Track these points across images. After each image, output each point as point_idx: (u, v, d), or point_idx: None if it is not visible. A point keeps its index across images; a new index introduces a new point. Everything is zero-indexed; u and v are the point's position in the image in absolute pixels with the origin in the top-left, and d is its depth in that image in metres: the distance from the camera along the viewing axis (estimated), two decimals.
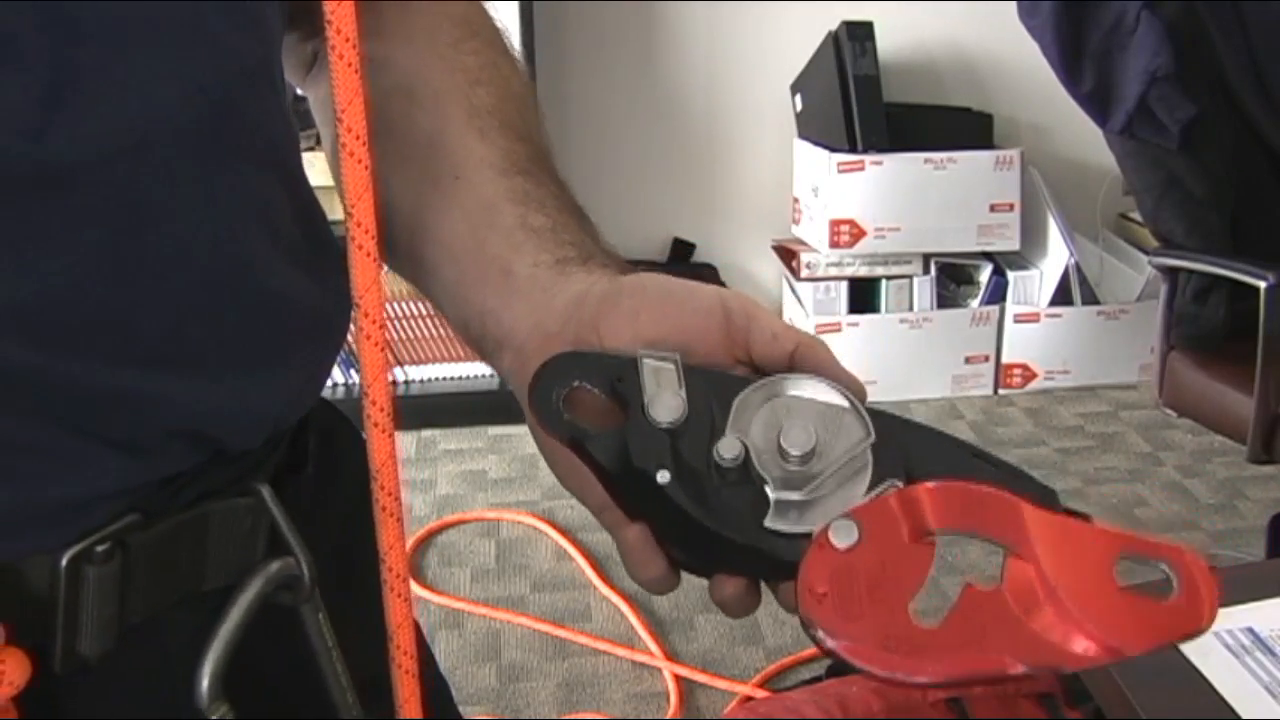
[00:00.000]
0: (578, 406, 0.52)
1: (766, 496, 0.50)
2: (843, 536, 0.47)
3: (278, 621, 0.56)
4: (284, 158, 0.56)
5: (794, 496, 0.50)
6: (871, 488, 0.50)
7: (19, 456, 0.46)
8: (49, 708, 0.51)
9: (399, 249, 0.60)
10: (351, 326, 0.54)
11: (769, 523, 0.50)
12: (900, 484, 0.50)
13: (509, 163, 0.60)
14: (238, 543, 0.55)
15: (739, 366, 0.54)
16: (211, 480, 0.53)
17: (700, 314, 0.53)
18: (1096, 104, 2.06)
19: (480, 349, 0.59)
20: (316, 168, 0.69)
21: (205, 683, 0.53)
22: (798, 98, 3.04)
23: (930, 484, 0.49)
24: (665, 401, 0.51)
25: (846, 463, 0.50)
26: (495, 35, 0.66)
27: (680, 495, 0.50)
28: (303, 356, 0.57)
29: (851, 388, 0.52)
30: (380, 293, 0.50)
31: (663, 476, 0.50)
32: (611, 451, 0.51)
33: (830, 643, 0.46)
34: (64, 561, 0.48)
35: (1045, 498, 0.50)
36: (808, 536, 0.48)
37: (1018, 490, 0.49)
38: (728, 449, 0.50)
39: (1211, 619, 0.47)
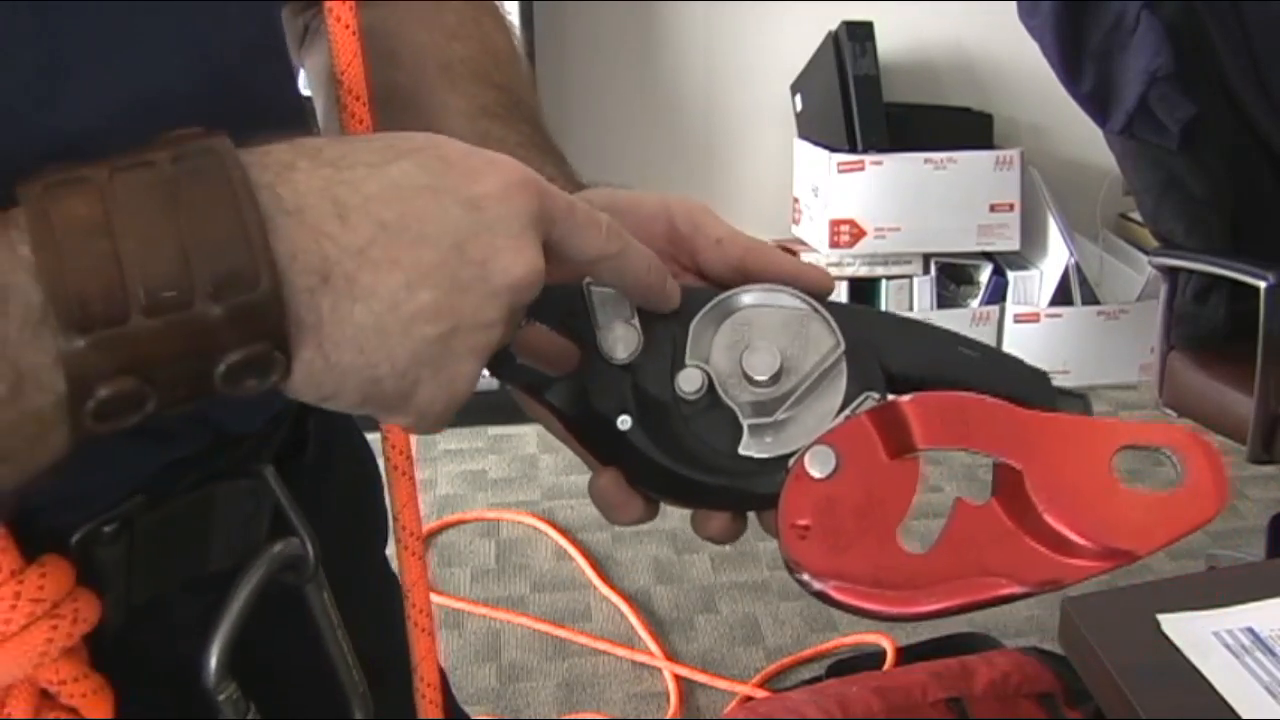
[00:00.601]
0: (534, 345, 0.49)
1: (737, 422, 0.46)
2: (820, 465, 0.44)
3: (283, 601, 0.57)
4: (294, 131, 0.55)
5: (767, 419, 0.46)
6: (847, 400, 0.46)
7: None
8: None
9: None
10: None
11: (744, 450, 0.46)
12: (877, 396, 0.46)
13: (476, 108, 0.60)
14: (242, 524, 0.55)
15: (686, 275, 0.52)
16: (215, 463, 0.54)
17: (644, 222, 0.50)
18: (1096, 104, 2.06)
19: None
20: None
21: (214, 662, 0.54)
22: (798, 98, 3.04)
23: (907, 398, 0.45)
24: (617, 334, 0.47)
25: (819, 375, 0.46)
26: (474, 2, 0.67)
27: (644, 441, 0.47)
28: None
29: (813, 286, 0.49)
30: None
31: (624, 422, 0.47)
32: (570, 397, 0.48)
33: (817, 584, 0.43)
34: (73, 542, 0.49)
35: (1036, 385, 0.47)
36: (783, 461, 0.45)
37: (1006, 380, 0.46)
38: (688, 381, 0.47)
39: (1223, 503, 0.44)
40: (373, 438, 0.64)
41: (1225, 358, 2.02)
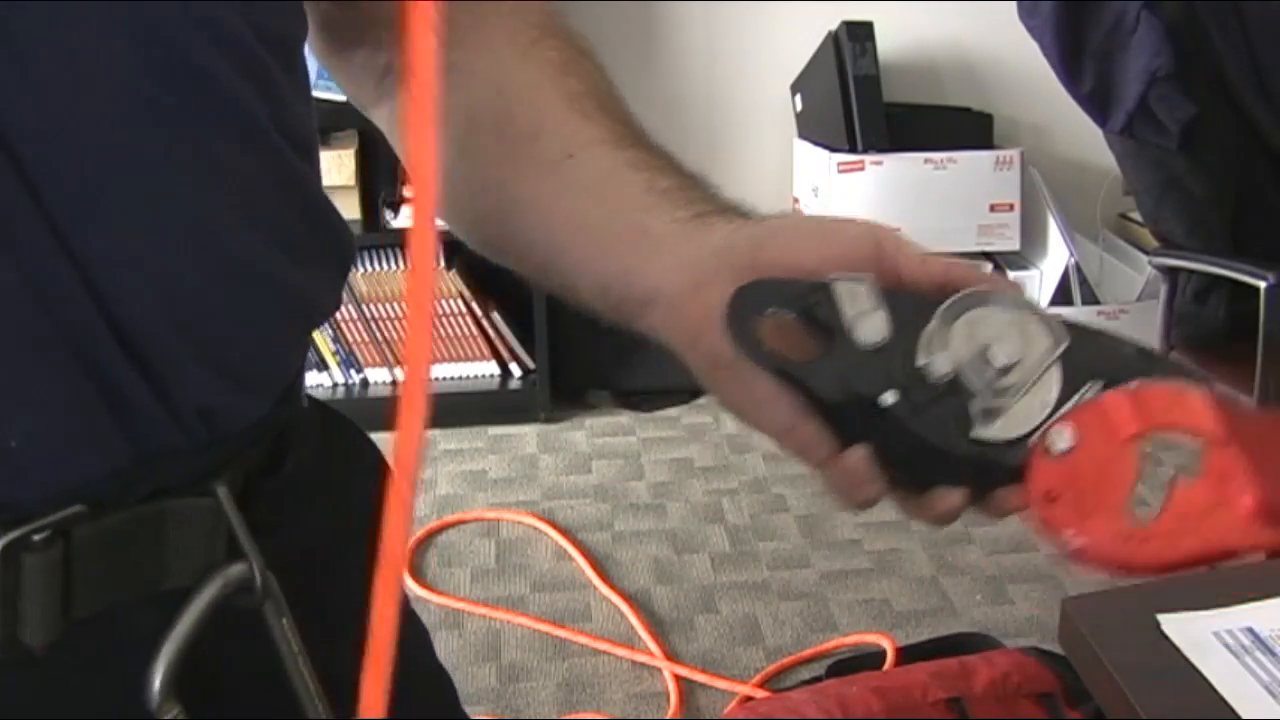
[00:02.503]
0: (777, 334, 0.53)
1: (968, 409, 0.51)
2: (1061, 441, 0.50)
3: (245, 624, 0.56)
4: (267, 136, 0.55)
5: (995, 405, 0.51)
6: (1065, 392, 0.52)
7: None
8: None
9: (522, 240, 0.61)
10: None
11: (976, 434, 0.51)
12: (1100, 384, 0.52)
13: (618, 138, 0.61)
14: (197, 543, 0.54)
15: None
16: (164, 477, 0.53)
17: (853, 244, 0.54)
18: (1096, 104, 2.06)
19: (621, 312, 0.59)
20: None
21: (158, 682, 0.53)
22: (798, 98, 3.04)
23: (1131, 386, 0.51)
24: (871, 323, 0.52)
25: (1043, 368, 0.52)
26: (571, 34, 0.68)
27: (908, 415, 0.51)
28: (272, 349, 0.56)
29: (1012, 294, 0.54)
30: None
31: (887, 398, 0.51)
32: (828, 380, 0.52)
33: (1076, 542, 0.49)
34: (0, 546, 0.48)
35: (1205, 383, 0.54)
36: (1017, 443, 0.51)
37: (1181, 377, 0.53)
38: (940, 366, 0.51)
39: None
40: (378, 436, 0.63)
41: (1225, 358, 2.02)
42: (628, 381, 2.97)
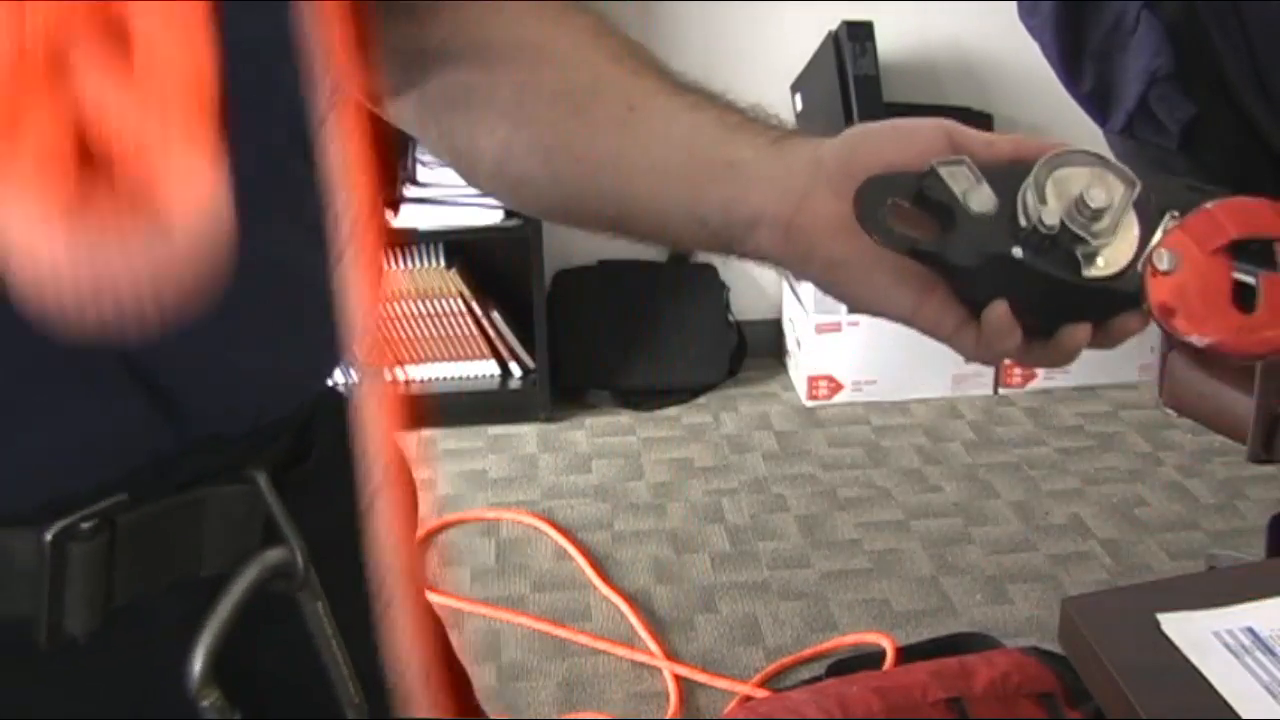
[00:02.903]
0: (899, 219, 0.58)
1: (1074, 253, 0.58)
2: (1165, 262, 0.58)
3: (279, 610, 0.57)
4: (305, 134, 0.55)
5: (1093, 247, 0.58)
6: (1147, 225, 0.59)
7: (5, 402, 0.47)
8: (35, 683, 0.52)
9: (600, 197, 0.64)
10: None
11: (1086, 273, 0.58)
12: (1177, 213, 0.59)
13: (671, 86, 0.64)
14: (234, 529, 0.55)
15: None
16: (203, 464, 0.53)
17: (930, 140, 0.59)
18: (1096, 104, 2.06)
19: (723, 240, 0.63)
20: None
21: (197, 668, 0.53)
22: (798, 98, 3.04)
23: (1208, 206, 0.59)
24: (980, 194, 0.58)
25: (1126, 208, 0.58)
26: (588, 4, 0.69)
27: (1039, 261, 0.57)
28: (305, 339, 0.57)
29: None
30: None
31: (1018, 252, 0.57)
32: (961, 248, 0.58)
33: (1204, 341, 0.58)
34: (49, 536, 0.48)
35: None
36: (1123, 273, 0.58)
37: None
38: (1049, 216, 0.57)
39: None
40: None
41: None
42: (628, 381, 2.97)
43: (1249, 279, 0.59)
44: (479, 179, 0.68)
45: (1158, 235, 0.59)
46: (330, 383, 0.65)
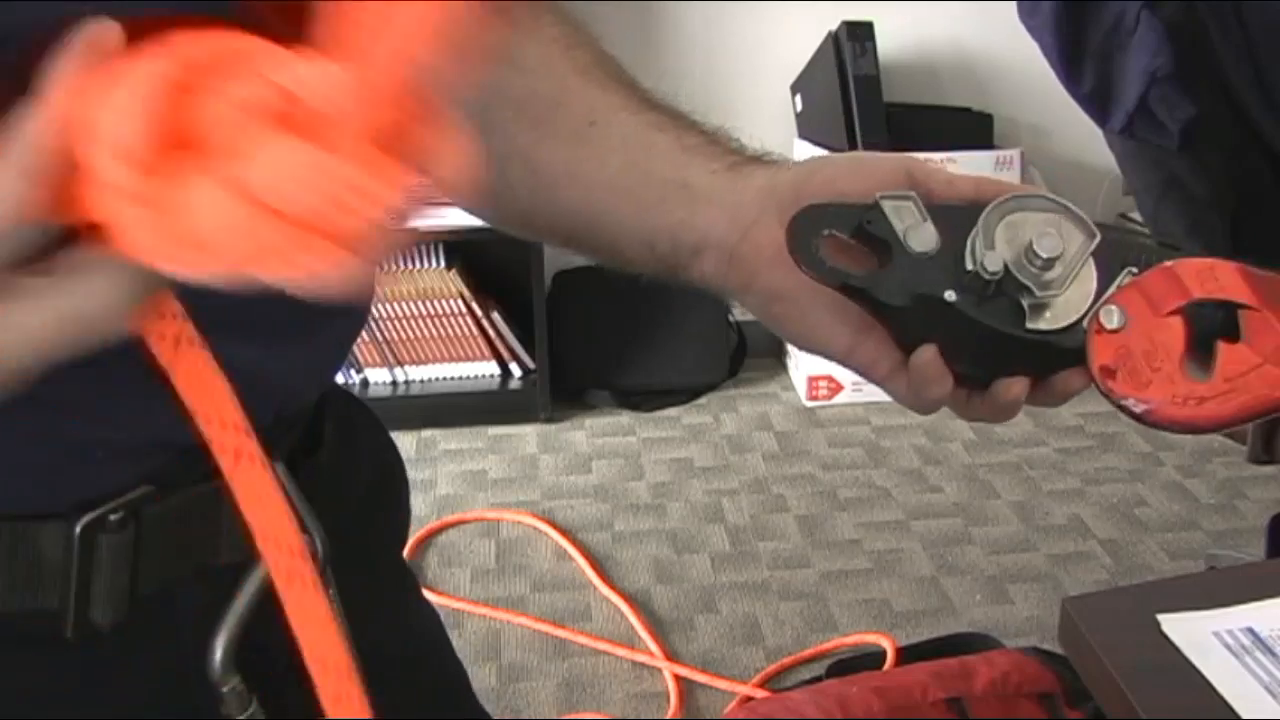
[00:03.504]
0: (835, 252, 0.57)
1: (1019, 302, 0.55)
2: (1112, 320, 0.55)
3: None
4: None
5: (1041, 298, 0.55)
6: (1103, 279, 0.56)
7: (38, 401, 0.48)
8: (60, 674, 0.53)
9: (553, 210, 0.64)
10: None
11: (1030, 325, 0.55)
12: (1135, 270, 0.57)
13: (636, 102, 0.64)
14: None
15: None
16: None
17: (887, 174, 0.58)
18: (1096, 104, 2.06)
19: (669, 263, 0.62)
20: None
21: (219, 654, 0.55)
22: (798, 98, 3.04)
23: (1164, 265, 0.56)
24: (922, 232, 0.56)
25: (1082, 260, 0.56)
26: (563, 10, 0.70)
27: (971, 308, 0.55)
28: (321, 336, 0.59)
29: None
30: None
31: (950, 296, 0.55)
32: (892, 286, 0.56)
33: (1140, 407, 0.54)
34: (78, 529, 0.50)
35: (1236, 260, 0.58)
36: (1069, 329, 0.55)
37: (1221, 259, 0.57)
38: (992, 263, 0.55)
39: None
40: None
41: None
42: (628, 381, 2.97)
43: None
44: (440, 182, 0.68)
45: (1110, 290, 0.56)
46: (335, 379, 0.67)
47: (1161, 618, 0.84)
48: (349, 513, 0.61)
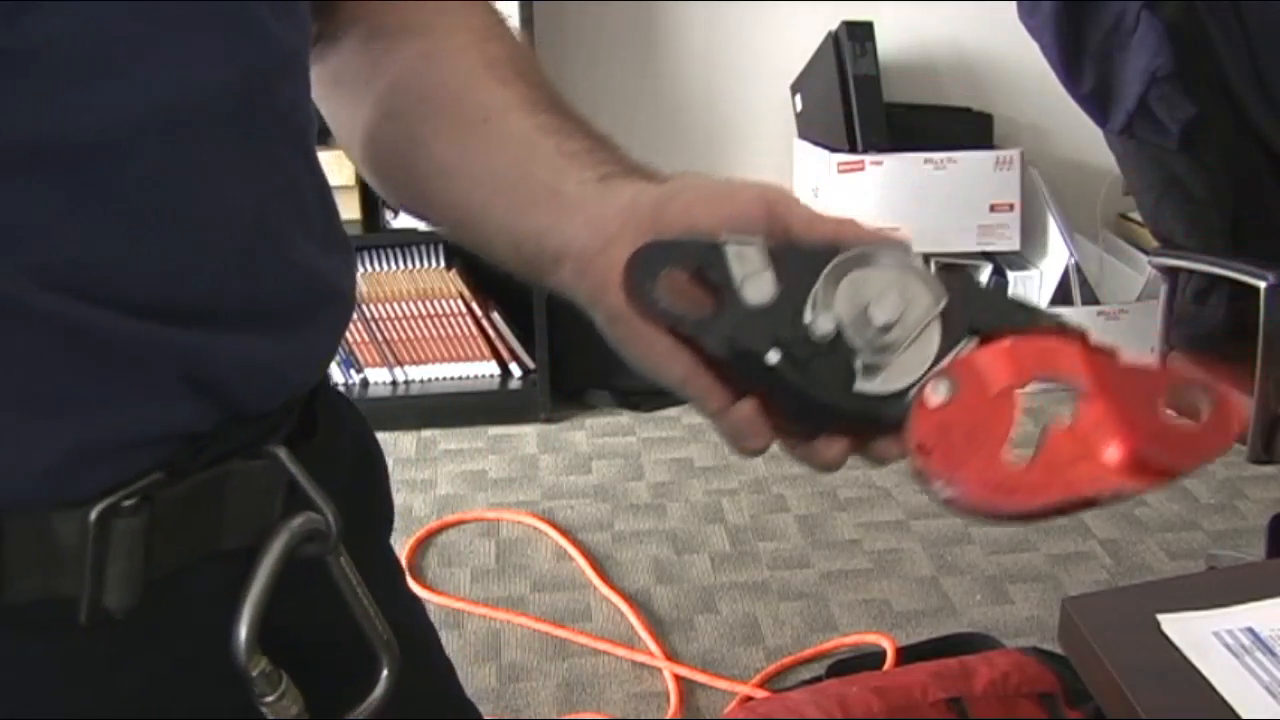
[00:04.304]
0: (671, 291, 0.55)
1: (852, 362, 0.54)
2: (938, 394, 0.52)
3: (309, 574, 0.59)
4: (307, 141, 0.60)
5: (876, 360, 0.54)
6: (944, 346, 0.54)
7: (68, 399, 0.50)
8: (74, 660, 0.53)
9: (444, 201, 0.64)
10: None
11: (859, 387, 0.54)
12: (976, 341, 0.54)
13: (532, 104, 0.64)
14: (255, 502, 0.57)
15: None
16: (231, 441, 0.56)
17: (746, 205, 0.57)
18: (1096, 104, 2.06)
19: (534, 267, 0.62)
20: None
21: (243, 636, 0.55)
22: (798, 98, 3.04)
23: (1005, 341, 0.54)
24: (758, 283, 0.54)
25: (923, 325, 0.54)
26: (489, 5, 0.71)
27: (791, 373, 0.53)
28: (318, 325, 0.61)
29: (901, 249, 0.56)
30: None
31: (773, 357, 0.53)
32: (718, 337, 0.54)
33: (947, 491, 0.51)
34: (94, 515, 0.51)
35: (1079, 339, 0.55)
36: (897, 396, 0.53)
37: (1058, 332, 0.54)
38: (823, 325, 0.53)
39: (1237, 433, 0.52)
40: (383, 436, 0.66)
41: (1225, 358, 2.02)
42: (628, 381, 2.97)
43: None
44: (357, 163, 0.70)
45: (945, 360, 0.54)
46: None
47: (1161, 618, 0.84)
48: (340, 497, 0.62)
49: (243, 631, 0.55)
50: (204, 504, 0.55)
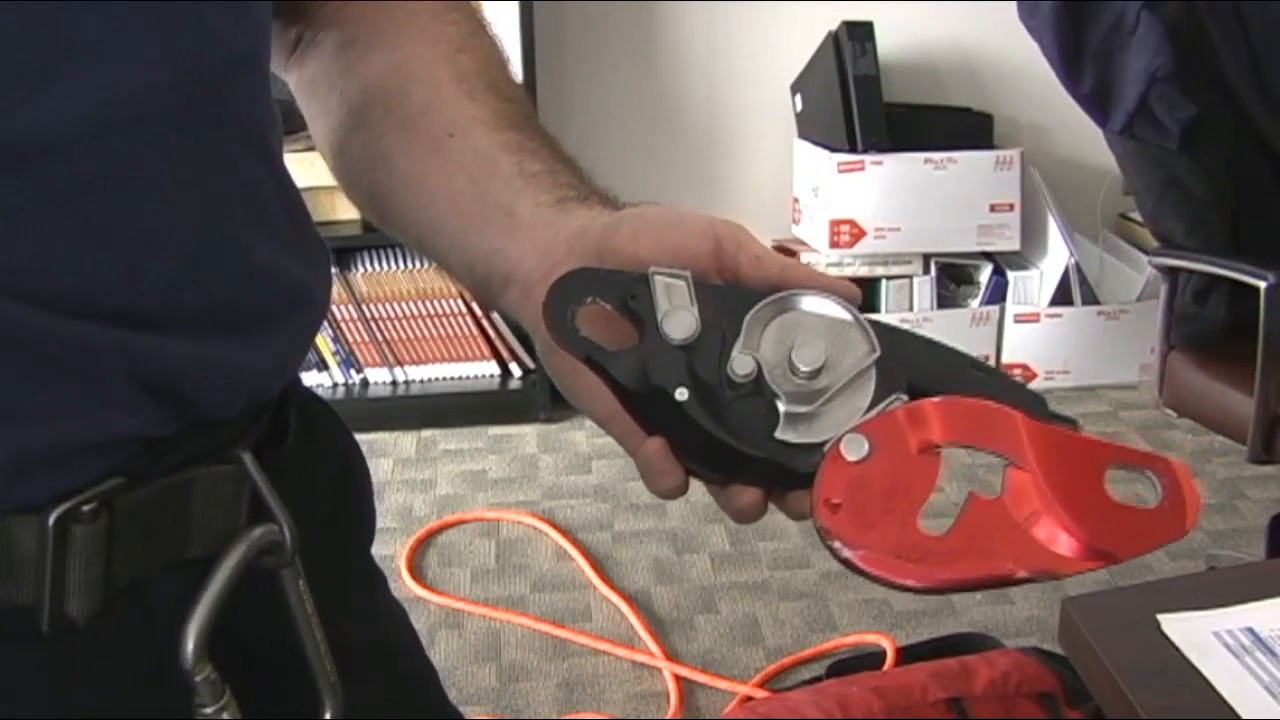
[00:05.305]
0: (590, 322, 0.54)
1: (776, 409, 0.52)
2: (854, 450, 0.50)
3: (261, 587, 0.58)
4: (268, 143, 0.58)
5: (802, 409, 0.51)
6: (876, 400, 0.52)
7: (14, 404, 0.49)
8: (37, 669, 0.53)
9: (405, 215, 0.63)
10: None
11: (779, 434, 0.51)
12: (905, 398, 0.52)
13: (499, 119, 0.63)
14: (221, 509, 0.56)
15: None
16: (194, 447, 0.55)
17: (693, 237, 0.55)
18: (1096, 104, 2.06)
19: (485, 289, 0.61)
20: (317, 167, 0.71)
21: (191, 644, 0.54)
22: (798, 98, 3.04)
23: (935, 399, 0.51)
24: (679, 319, 0.52)
25: (854, 375, 0.52)
26: (471, 9, 0.69)
27: (698, 412, 0.51)
28: (282, 330, 0.59)
29: (846, 297, 0.54)
30: None
31: (681, 394, 0.52)
32: (629, 370, 0.53)
33: (846, 552, 0.48)
34: (52, 520, 0.50)
35: (1036, 407, 0.52)
36: (817, 447, 0.51)
37: (1013, 401, 0.51)
38: (741, 366, 0.51)
39: (1193, 523, 0.50)
40: (368, 438, 0.65)
41: (1225, 358, 2.02)
42: None
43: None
44: (330, 170, 0.69)
45: (867, 415, 0.51)
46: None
47: (1161, 618, 0.84)
48: (316, 506, 0.62)
49: (191, 634, 0.54)
50: (167, 510, 0.54)
